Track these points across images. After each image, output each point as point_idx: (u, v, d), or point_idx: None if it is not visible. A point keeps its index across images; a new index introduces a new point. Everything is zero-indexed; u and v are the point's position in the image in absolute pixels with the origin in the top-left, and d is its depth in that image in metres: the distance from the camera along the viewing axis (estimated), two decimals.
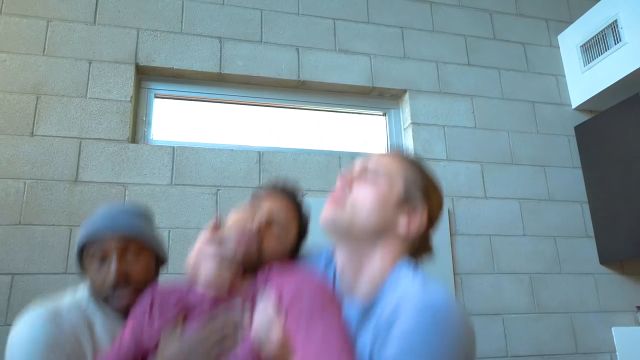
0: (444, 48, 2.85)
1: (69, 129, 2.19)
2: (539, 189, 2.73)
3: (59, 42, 2.29)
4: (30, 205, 2.05)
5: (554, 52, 3.05)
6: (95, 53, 2.32)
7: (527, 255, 2.60)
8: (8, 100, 2.16)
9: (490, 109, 2.81)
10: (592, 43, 2.81)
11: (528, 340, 2.46)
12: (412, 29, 2.83)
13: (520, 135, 2.81)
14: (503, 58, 2.94)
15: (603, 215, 2.68)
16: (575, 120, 2.92)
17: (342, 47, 2.68)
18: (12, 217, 2.02)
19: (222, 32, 2.53)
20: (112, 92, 2.29)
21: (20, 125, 2.14)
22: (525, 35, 3.03)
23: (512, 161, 2.74)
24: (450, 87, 2.78)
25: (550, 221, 2.69)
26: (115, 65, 2.32)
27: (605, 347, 2.55)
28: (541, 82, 2.96)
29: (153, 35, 2.42)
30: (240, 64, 2.50)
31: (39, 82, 2.21)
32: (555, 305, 2.55)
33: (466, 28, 2.93)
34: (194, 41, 2.47)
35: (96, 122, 2.23)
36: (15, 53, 2.22)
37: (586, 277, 2.64)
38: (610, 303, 2.63)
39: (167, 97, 2.49)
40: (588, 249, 2.70)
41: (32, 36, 2.26)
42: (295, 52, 2.61)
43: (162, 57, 2.40)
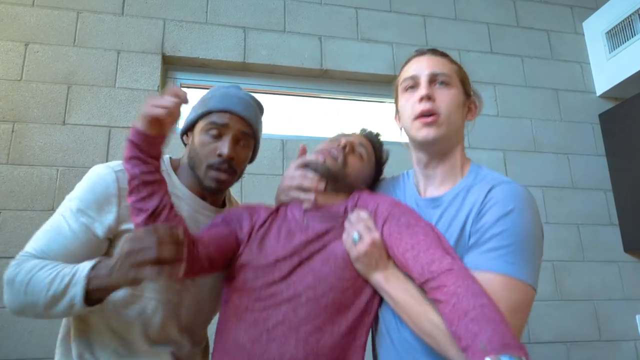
0: (467, 36, 2.85)
1: (99, 118, 2.25)
2: (563, 177, 2.72)
3: (89, 33, 2.35)
4: (63, 191, 2.11)
5: (578, 39, 3.02)
6: (123, 43, 2.38)
7: (550, 242, 2.58)
8: (41, 90, 2.23)
9: (513, 96, 2.80)
10: (617, 30, 2.77)
11: (551, 327, 2.47)
12: (434, 17, 2.83)
13: (543, 123, 2.79)
14: (526, 45, 2.92)
15: (628, 203, 2.66)
16: (599, 107, 2.89)
17: (364, 36, 2.70)
18: (46, 203, 2.10)
19: (246, 22, 2.56)
20: (140, 81, 2.34)
21: (52, 114, 2.21)
22: (550, 22, 3.00)
23: (535, 149, 2.73)
24: (472, 75, 2.72)
25: (573, 209, 2.68)
26: (142, 56, 2.38)
27: (629, 335, 2.54)
28: (565, 69, 2.93)
29: (179, 25, 2.47)
30: (264, 54, 2.54)
31: (70, 72, 2.28)
32: (579, 292, 2.55)
33: (489, 16, 2.92)
34: (218, 31, 2.51)
35: (125, 110, 2.29)
36: (47, 44, 2.29)
37: (610, 265, 2.63)
38: (634, 291, 2.61)
39: (192, 87, 2.54)
40: (612, 237, 2.68)
41: (63, 27, 2.33)
42: (317, 41, 2.63)
43: (188, 47, 2.45)
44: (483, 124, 2.69)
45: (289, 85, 2.64)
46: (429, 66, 1.17)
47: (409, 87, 1.18)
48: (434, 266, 0.95)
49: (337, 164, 1.20)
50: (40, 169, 2.14)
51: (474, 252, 1.00)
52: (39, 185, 2.11)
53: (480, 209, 1.04)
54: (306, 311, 1.04)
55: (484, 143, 2.66)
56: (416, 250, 0.99)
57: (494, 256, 0.97)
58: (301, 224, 1.15)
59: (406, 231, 1.04)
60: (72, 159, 2.18)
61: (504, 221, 1.00)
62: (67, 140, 2.19)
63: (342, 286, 1.07)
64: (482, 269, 0.96)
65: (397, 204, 1.12)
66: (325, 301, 1.05)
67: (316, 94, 2.70)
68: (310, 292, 1.05)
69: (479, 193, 1.07)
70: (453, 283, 0.91)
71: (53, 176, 2.14)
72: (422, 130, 1.13)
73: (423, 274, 0.97)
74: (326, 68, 2.59)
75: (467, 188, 1.10)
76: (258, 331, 1.04)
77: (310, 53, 2.60)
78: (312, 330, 1.03)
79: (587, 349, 2.47)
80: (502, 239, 0.98)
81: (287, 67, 2.57)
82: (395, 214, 1.08)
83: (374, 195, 1.18)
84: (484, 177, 1.12)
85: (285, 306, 1.05)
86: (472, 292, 0.89)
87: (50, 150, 2.17)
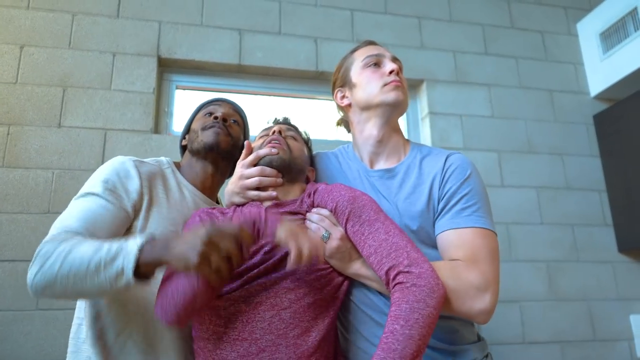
0: (461, 37, 2.86)
1: (94, 120, 2.26)
2: (557, 178, 2.74)
3: (84, 36, 2.35)
4: (59, 194, 2.12)
5: (572, 40, 3.03)
6: (118, 46, 2.38)
7: (545, 243, 2.61)
8: (36, 92, 2.23)
9: (507, 97, 2.82)
10: (611, 31, 2.79)
11: (545, 327, 2.48)
12: (429, 19, 2.84)
13: (538, 124, 2.81)
14: (521, 47, 2.93)
15: (622, 204, 2.68)
16: (594, 108, 2.91)
17: (359, 37, 2.70)
18: (41, 206, 2.10)
19: (242, 24, 2.57)
20: (136, 84, 2.34)
21: (48, 117, 2.21)
22: (544, 24, 3.02)
23: (530, 150, 2.75)
24: (467, 76, 2.79)
25: (568, 209, 2.69)
26: (138, 58, 2.38)
27: (623, 335, 2.56)
28: (559, 70, 2.95)
29: (174, 28, 2.47)
30: (260, 56, 2.55)
31: (65, 74, 2.28)
32: (573, 292, 2.57)
33: (484, 17, 2.93)
34: (214, 33, 2.52)
35: (120, 113, 2.29)
36: (43, 47, 2.29)
37: (604, 265, 2.65)
38: (628, 291, 2.63)
39: (188, 89, 2.54)
40: (606, 237, 2.70)
41: (58, 30, 2.33)
42: (313, 43, 2.64)
43: (184, 50, 2.46)
44: (477, 125, 2.71)
45: (284, 87, 2.64)
46: (387, 51, 1.42)
47: (373, 63, 1.36)
48: (392, 273, 1.02)
49: (286, 151, 1.23)
50: (35, 172, 2.14)
51: (450, 213, 1.18)
52: (35, 188, 2.11)
53: (443, 175, 1.22)
54: (291, 315, 1.05)
55: (478, 144, 2.67)
56: (379, 255, 1.05)
57: (468, 213, 1.17)
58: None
59: (368, 230, 1.09)
60: (68, 161, 2.18)
61: (467, 183, 1.20)
62: (63, 142, 2.20)
63: (320, 283, 1.10)
64: (462, 226, 1.15)
65: (355, 198, 1.14)
66: (308, 300, 1.07)
67: (312, 95, 2.71)
68: (291, 294, 1.06)
69: (436, 162, 1.26)
70: (393, 302, 0.99)
71: (49, 179, 2.14)
72: (393, 92, 1.30)
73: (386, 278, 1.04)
74: (322, 70, 2.60)
75: (419, 160, 1.29)
76: (246, 344, 1.03)
77: (306, 55, 2.61)
78: (300, 332, 1.04)
79: (581, 349, 2.49)
80: (469, 199, 1.18)
81: (282, 69, 2.58)
82: (356, 211, 1.11)
83: (328, 189, 1.19)
84: (431, 151, 1.33)
85: (269, 314, 1.05)
86: (395, 316, 0.96)
87: (46, 152, 2.17)
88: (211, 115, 1.43)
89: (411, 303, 0.96)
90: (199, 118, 1.45)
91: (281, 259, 1.08)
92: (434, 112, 2.67)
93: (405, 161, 1.31)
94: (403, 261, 1.02)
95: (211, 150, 1.36)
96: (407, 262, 1.01)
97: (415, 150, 1.33)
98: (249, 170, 1.23)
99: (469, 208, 1.17)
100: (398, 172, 1.29)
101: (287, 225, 0.99)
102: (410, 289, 0.98)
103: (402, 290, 0.99)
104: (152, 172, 1.30)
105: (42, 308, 1.99)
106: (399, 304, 0.97)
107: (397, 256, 1.03)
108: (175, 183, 1.35)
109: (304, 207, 1.18)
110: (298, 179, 1.26)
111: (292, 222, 1.02)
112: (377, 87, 1.32)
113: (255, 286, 1.07)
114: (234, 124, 1.45)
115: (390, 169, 1.30)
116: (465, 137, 2.67)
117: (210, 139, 1.36)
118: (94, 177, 1.23)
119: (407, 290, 0.98)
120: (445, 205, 1.19)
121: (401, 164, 1.30)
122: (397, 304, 0.97)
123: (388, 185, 1.27)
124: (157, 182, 1.29)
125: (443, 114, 2.68)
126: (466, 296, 1.06)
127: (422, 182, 1.24)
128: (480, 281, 1.07)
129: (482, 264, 1.10)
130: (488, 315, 1.08)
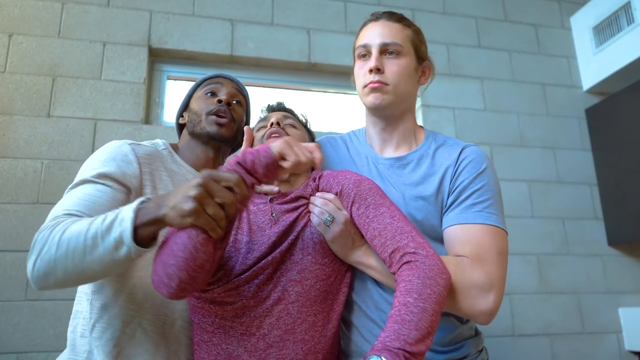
0: (455, 30, 2.85)
1: (84, 110, 2.23)
2: (549, 171, 2.74)
3: (74, 25, 2.32)
4: (48, 184, 2.10)
5: (565, 34, 3.03)
6: (109, 35, 2.35)
7: (536, 236, 2.62)
8: (25, 81, 2.20)
9: (500, 91, 2.82)
10: (604, 25, 2.79)
11: (535, 320, 2.50)
12: (423, 11, 2.83)
13: (530, 118, 2.81)
14: (514, 40, 2.93)
15: (612, 198, 2.69)
16: (586, 102, 2.91)
17: (353, 29, 2.69)
18: (30, 196, 2.08)
19: (234, 14, 2.54)
20: (126, 74, 2.32)
21: (37, 107, 2.19)
22: (537, 17, 3.01)
23: (522, 143, 2.75)
24: (460, 69, 2.79)
25: (559, 203, 2.70)
26: (128, 48, 2.36)
27: (612, 328, 2.58)
28: (552, 64, 2.95)
29: (165, 17, 2.45)
30: (252, 46, 2.53)
31: (55, 64, 2.25)
32: (563, 285, 2.58)
33: (477, 9, 2.92)
34: (206, 23, 2.49)
35: (111, 103, 2.27)
36: (32, 35, 2.26)
37: (594, 259, 2.66)
38: (617, 284, 2.65)
39: (179, 79, 2.52)
40: (596, 231, 2.71)
41: (47, 18, 2.30)
42: (306, 34, 2.62)
43: (175, 40, 2.43)
44: (470, 118, 2.71)
45: (276, 78, 2.63)
46: (381, 35, 1.25)
47: (362, 55, 1.28)
48: (397, 255, 1.00)
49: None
50: (24, 162, 2.11)
51: (460, 207, 1.14)
52: (24, 179, 2.09)
53: (456, 167, 1.18)
54: (298, 309, 1.03)
55: (470, 137, 2.67)
56: (383, 237, 1.03)
57: (478, 209, 1.12)
58: (269, 216, 1.13)
59: (373, 213, 1.06)
60: (57, 151, 2.16)
61: (481, 178, 1.16)
62: (52, 132, 2.17)
63: (325, 273, 1.08)
64: (471, 222, 1.11)
65: (361, 182, 1.12)
66: (314, 293, 1.05)
67: (304, 87, 2.69)
68: (297, 287, 1.04)
69: (450, 154, 1.21)
70: (403, 279, 0.95)
71: (38, 169, 2.12)
72: (370, 96, 1.23)
73: (389, 260, 1.01)
74: (314, 61, 2.59)
75: (433, 149, 1.24)
76: (254, 339, 1.01)
77: (299, 46, 2.59)
78: (308, 327, 1.03)
79: (571, 342, 2.51)
80: (481, 194, 1.14)
81: (275, 60, 2.56)
82: (362, 194, 1.09)
83: (334, 174, 1.17)
84: (446, 140, 1.27)
85: (277, 308, 1.02)
86: (407, 289, 0.92)
87: (35, 142, 2.15)
88: (213, 95, 1.36)
89: (423, 279, 0.92)
90: (199, 97, 1.37)
91: (288, 248, 1.07)
92: (427, 105, 2.66)
93: (418, 150, 1.26)
94: (409, 243, 0.99)
95: (214, 139, 1.32)
96: (413, 244, 0.99)
97: (429, 139, 1.28)
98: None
99: (480, 204, 1.13)
100: (410, 161, 1.24)
101: (278, 140, 0.96)
102: (420, 266, 0.95)
103: (411, 268, 0.95)
104: (151, 154, 1.24)
105: (31, 299, 1.98)
106: (410, 279, 0.93)
107: (402, 239, 1.00)
108: (175, 166, 1.30)
109: (308, 191, 1.16)
110: None
111: (282, 139, 0.97)
112: (360, 86, 1.28)
113: (263, 279, 1.04)
114: (237, 104, 1.39)
115: (402, 157, 1.26)
116: (458, 130, 2.67)
117: (215, 129, 1.31)
118: (88, 163, 1.17)
119: (417, 268, 0.95)
120: (456, 199, 1.15)
121: (414, 152, 1.26)
122: (407, 280, 0.93)
123: (398, 173, 1.23)
124: (157, 164, 1.24)
125: (435, 107, 2.68)
126: (468, 295, 1.03)
127: (433, 173, 1.19)
128: (484, 281, 1.04)
129: (488, 263, 1.06)
130: (489, 316, 1.05)
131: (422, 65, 1.30)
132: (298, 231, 1.10)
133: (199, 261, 0.88)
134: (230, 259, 1.08)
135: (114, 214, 0.93)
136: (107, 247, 0.91)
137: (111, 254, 0.91)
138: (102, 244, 0.91)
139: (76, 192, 1.08)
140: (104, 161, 1.14)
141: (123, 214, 0.92)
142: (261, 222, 1.12)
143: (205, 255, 0.89)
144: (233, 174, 0.89)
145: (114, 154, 1.16)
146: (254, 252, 1.07)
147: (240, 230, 1.12)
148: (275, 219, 1.11)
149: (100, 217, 0.94)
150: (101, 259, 0.92)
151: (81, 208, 1.03)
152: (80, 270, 0.95)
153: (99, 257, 0.92)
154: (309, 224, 1.12)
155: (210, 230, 0.87)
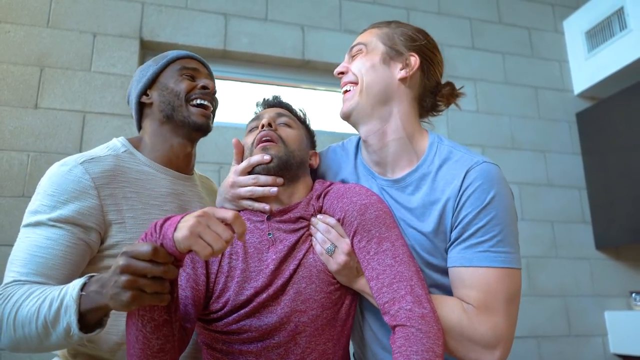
0: (449, 31, 2.85)
1: (72, 102, 2.19)
2: (539, 174, 2.76)
3: (64, 14, 2.27)
4: (34, 177, 2.06)
5: (558, 37, 3.05)
6: (100, 26, 2.30)
7: (525, 239, 2.61)
8: (12, 71, 2.15)
9: (493, 93, 2.82)
10: (597, 30, 2.80)
11: (523, 322, 2.49)
12: (418, 11, 2.82)
13: (521, 120, 2.82)
14: (508, 42, 2.93)
15: (601, 202, 2.71)
16: (577, 106, 2.93)
17: (347, 27, 2.67)
18: (15, 189, 2.03)
19: (227, 8, 2.51)
20: (117, 66, 2.28)
21: (24, 97, 2.14)
22: (531, 20, 3.02)
23: (513, 146, 2.76)
24: (453, 70, 2.78)
25: (548, 206, 2.72)
26: (119, 39, 2.31)
27: (598, 331, 2.60)
28: (545, 67, 2.96)
29: (158, 10, 2.40)
30: (245, 42, 2.49)
31: (43, 54, 2.20)
32: (551, 288, 2.60)
33: (472, 11, 2.92)
34: (199, 17, 2.45)
35: (100, 96, 2.22)
36: (19, 24, 2.20)
37: (582, 262, 2.68)
38: (604, 287, 2.67)
39: None
40: (584, 235, 2.73)
41: (36, 7, 2.24)
42: (300, 31, 2.59)
43: (167, 33, 2.39)
44: (462, 120, 2.71)
45: (269, 74, 2.60)
46: (359, 38, 1.20)
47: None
48: (393, 308, 0.94)
49: (280, 147, 1.08)
50: (10, 154, 2.06)
51: (464, 245, 1.01)
52: (9, 171, 2.04)
53: (459, 198, 1.01)
54: (306, 339, 0.99)
55: (463, 138, 2.66)
56: (380, 281, 0.97)
57: (484, 249, 0.99)
58: (266, 237, 1.04)
59: (375, 249, 0.99)
60: (44, 144, 2.11)
61: (486, 212, 0.99)
62: (39, 124, 2.12)
63: (331, 301, 1.02)
64: (475, 265, 0.99)
65: (366, 208, 1.02)
66: (322, 322, 1.00)
67: (297, 84, 2.67)
68: (303, 317, 0.99)
69: (454, 177, 1.03)
70: (400, 351, 0.90)
71: (24, 161, 2.07)
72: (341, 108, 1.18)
73: (383, 309, 0.96)
74: (308, 59, 2.56)
75: (436, 168, 1.07)
76: None
77: (293, 43, 2.57)
78: (318, 356, 0.99)
79: (557, 344, 2.52)
80: (487, 231, 0.99)
81: (268, 56, 2.53)
82: (365, 225, 1.00)
83: (340, 194, 1.07)
84: (451, 154, 1.08)
85: (283, 339, 0.98)
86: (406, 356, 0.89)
87: (21, 134, 2.10)
88: (193, 78, 1.24)
89: (421, 354, 0.87)
90: (173, 75, 1.23)
91: (290, 277, 1.01)
92: None
93: (418, 169, 1.09)
94: (406, 296, 0.93)
95: (198, 131, 1.22)
96: (410, 299, 0.92)
97: (433, 151, 1.10)
98: (242, 178, 1.08)
99: (486, 242, 0.99)
100: (409, 183, 1.10)
101: (184, 225, 0.79)
102: (417, 335, 0.89)
103: (407, 336, 0.90)
104: (110, 170, 1.11)
105: None
106: (407, 354, 0.88)
107: (400, 289, 0.94)
108: (141, 168, 1.17)
109: (310, 211, 1.07)
110: (301, 175, 1.11)
111: (190, 218, 0.80)
112: None
113: (265, 313, 0.99)
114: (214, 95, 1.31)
115: (400, 180, 1.11)
116: (450, 132, 2.66)
117: (202, 120, 1.20)
118: (40, 194, 1.07)
119: (414, 338, 0.89)
120: (460, 236, 1.02)
121: (413, 171, 1.09)
122: (404, 354, 0.88)
123: (397, 195, 1.11)
124: (118, 182, 1.11)
125: None
126: (472, 351, 0.97)
127: (433, 202, 1.05)
128: (490, 336, 0.96)
129: (495, 313, 0.97)
130: None
131: (402, 57, 1.14)
132: (300, 258, 1.03)
133: (155, 347, 0.89)
134: (228, 289, 1.01)
135: (59, 299, 0.90)
136: (59, 335, 0.91)
137: (65, 339, 0.91)
138: (55, 332, 0.91)
139: (30, 242, 1.03)
140: (57, 197, 1.04)
141: (67, 302, 0.89)
142: (258, 243, 1.04)
143: (159, 339, 0.89)
144: (147, 246, 0.79)
145: (66, 185, 1.05)
146: (251, 282, 1.00)
147: (234, 255, 1.03)
148: (272, 240, 1.04)
149: (47, 301, 0.91)
150: (58, 343, 0.93)
151: (34, 267, 1.00)
152: (45, 348, 0.96)
153: (56, 341, 0.92)
154: (311, 250, 1.04)
155: (158, 303, 0.83)
